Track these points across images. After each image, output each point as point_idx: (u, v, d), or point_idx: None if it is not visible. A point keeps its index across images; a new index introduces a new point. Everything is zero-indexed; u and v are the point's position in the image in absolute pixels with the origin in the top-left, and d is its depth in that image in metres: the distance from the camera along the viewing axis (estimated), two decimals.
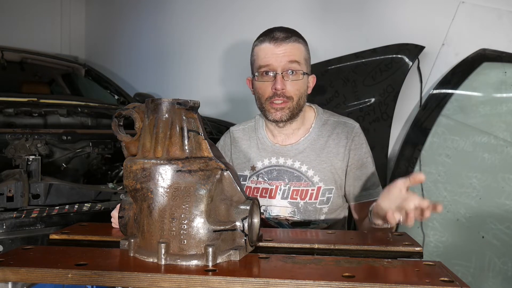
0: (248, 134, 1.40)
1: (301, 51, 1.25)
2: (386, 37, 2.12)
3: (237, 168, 1.37)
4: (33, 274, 0.72)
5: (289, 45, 1.22)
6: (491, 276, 1.89)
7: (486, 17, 1.95)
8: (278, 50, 1.21)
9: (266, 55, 1.23)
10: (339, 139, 1.30)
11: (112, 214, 1.07)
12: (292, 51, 1.22)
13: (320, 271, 0.72)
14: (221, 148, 1.44)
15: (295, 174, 1.29)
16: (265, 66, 1.23)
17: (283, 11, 2.59)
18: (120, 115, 0.85)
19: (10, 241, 1.34)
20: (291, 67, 1.22)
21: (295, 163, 1.30)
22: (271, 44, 1.22)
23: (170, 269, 0.73)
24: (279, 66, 1.21)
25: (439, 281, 0.67)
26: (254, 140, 1.38)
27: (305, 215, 1.28)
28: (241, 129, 1.43)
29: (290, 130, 1.32)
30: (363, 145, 1.31)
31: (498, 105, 1.89)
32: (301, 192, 1.28)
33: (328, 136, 1.31)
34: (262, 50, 1.24)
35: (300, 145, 1.31)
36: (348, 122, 1.34)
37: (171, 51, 3.30)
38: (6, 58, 2.73)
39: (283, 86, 1.21)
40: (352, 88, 2.14)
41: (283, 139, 1.33)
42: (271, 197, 1.31)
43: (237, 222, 0.80)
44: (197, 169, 0.78)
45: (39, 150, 1.69)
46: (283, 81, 1.21)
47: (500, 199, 1.87)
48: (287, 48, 1.22)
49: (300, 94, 1.25)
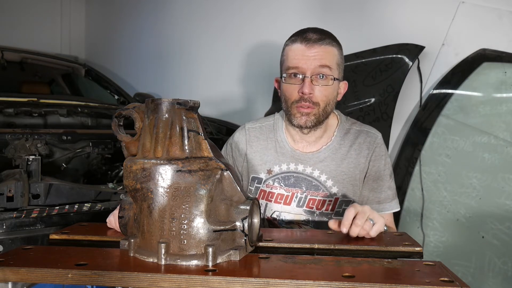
0: (265, 134, 1.33)
1: (333, 55, 1.18)
2: (386, 37, 2.12)
3: (252, 169, 1.32)
4: (33, 274, 0.72)
5: (321, 47, 1.16)
6: (491, 276, 1.88)
7: (486, 17, 1.94)
8: (309, 52, 1.16)
9: (296, 56, 1.17)
10: (361, 149, 1.26)
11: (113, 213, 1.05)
12: (324, 55, 1.16)
13: (320, 271, 0.72)
14: (234, 145, 1.37)
15: (314, 183, 1.26)
16: (294, 68, 1.17)
17: (283, 11, 2.59)
18: (120, 115, 0.85)
19: (10, 241, 1.33)
20: (321, 71, 1.16)
21: (314, 172, 1.26)
22: (302, 45, 1.16)
23: (170, 269, 0.73)
24: (309, 69, 1.15)
25: (439, 281, 0.68)
26: (272, 142, 1.32)
27: (319, 224, 1.25)
28: (257, 127, 1.36)
29: (313, 137, 1.27)
30: (383, 157, 1.27)
31: (498, 105, 1.89)
32: (318, 202, 1.25)
33: (350, 146, 1.27)
34: (293, 50, 1.18)
35: (322, 153, 1.26)
36: (371, 132, 1.29)
37: (171, 51, 3.30)
38: (6, 58, 2.73)
39: (311, 90, 1.15)
40: (352, 88, 2.14)
41: (304, 145, 1.28)
42: (286, 204, 1.27)
43: (237, 222, 0.80)
44: (197, 169, 0.78)
45: (39, 150, 1.69)
46: (311, 85, 1.15)
47: (500, 199, 1.87)
48: (319, 51, 1.16)
49: (328, 100, 1.19)
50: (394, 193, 1.29)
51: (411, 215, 2.08)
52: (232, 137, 1.39)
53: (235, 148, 1.37)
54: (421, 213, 2.04)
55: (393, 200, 1.28)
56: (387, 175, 1.28)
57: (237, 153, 1.36)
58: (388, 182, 1.28)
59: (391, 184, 1.29)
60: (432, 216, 2.02)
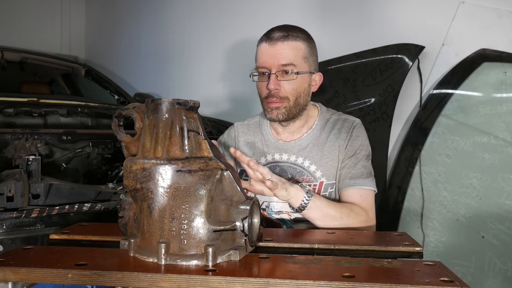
0: (252, 130, 1.42)
1: (298, 50, 1.23)
2: (386, 37, 2.12)
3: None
4: (33, 274, 0.72)
5: (284, 44, 1.22)
6: (491, 276, 1.88)
7: (486, 17, 1.94)
8: (272, 50, 1.22)
9: (262, 55, 1.25)
10: (340, 133, 1.31)
11: None
12: (287, 51, 1.22)
13: (320, 271, 0.72)
14: (224, 142, 1.45)
15: (298, 170, 1.31)
16: (261, 66, 1.25)
17: (283, 11, 2.59)
18: (120, 115, 0.85)
19: (10, 241, 1.33)
20: (284, 69, 1.22)
21: (298, 159, 1.32)
22: (267, 44, 1.24)
23: (170, 269, 0.73)
24: (273, 66, 1.22)
25: (439, 281, 0.68)
26: (258, 136, 1.40)
27: None
28: (245, 124, 1.45)
29: (293, 128, 1.34)
30: (359, 137, 1.31)
31: (498, 105, 1.89)
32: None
33: (330, 131, 1.33)
34: (260, 50, 1.26)
35: (303, 141, 1.33)
36: (349, 118, 1.35)
37: (171, 51, 3.30)
38: (6, 58, 2.72)
39: (276, 86, 1.22)
40: (352, 88, 2.14)
41: (286, 136, 1.36)
42: None
43: (237, 222, 0.80)
44: (197, 169, 0.78)
45: (39, 150, 1.69)
46: (276, 81, 1.22)
47: (500, 199, 1.87)
48: (282, 48, 1.22)
49: (298, 93, 1.25)
50: (368, 172, 1.29)
51: (411, 215, 2.08)
52: (222, 136, 1.48)
53: (224, 146, 1.44)
54: (421, 213, 2.04)
55: (367, 178, 1.28)
56: (363, 155, 1.30)
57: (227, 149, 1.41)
58: (362, 161, 1.29)
59: (366, 164, 1.30)
60: (432, 216, 2.02)
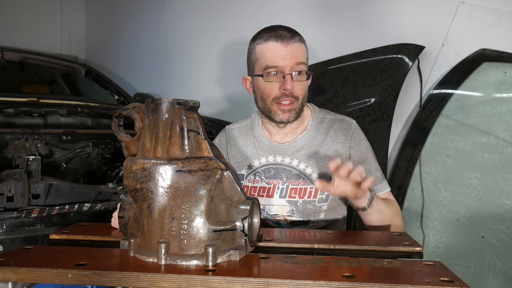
0: (244, 132, 1.39)
1: (304, 51, 1.24)
2: (386, 37, 2.12)
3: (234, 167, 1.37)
4: (33, 274, 0.72)
5: (295, 44, 1.20)
6: (491, 276, 1.89)
7: (486, 17, 1.94)
8: (285, 49, 1.19)
9: (274, 55, 1.20)
10: (337, 136, 1.30)
11: (113, 215, 1.07)
12: (299, 51, 1.21)
13: (320, 271, 0.72)
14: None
15: (293, 172, 1.29)
16: (273, 66, 1.20)
17: (283, 11, 2.59)
18: (120, 115, 0.85)
19: (10, 241, 1.33)
20: (298, 68, 1.20)
21: (292, 161, 1.30)
22: (278, 43, 1.19)
23: (170, 269, 0.73)
24: (287, 67, 1.19)
25: (439, 281, 0.67)
26: (250, 139, 1.37)
27: (304, 214, 1.27)
28: (236, 127, 1.42)
29: (289, 129, 1.31)
30: (363, 141, 1.31)
31: (498, 105, 1.89)
32: (300, 190, 1.27)
33: (326, 133, 1.31)
34: (268, 49, 1.21)
35: (298, 143, 1.31)
36: (345, 119, 1.34)
37: (171, 51, 3.30)
38: (6, 58, 2.72)
39: (293, 86, 1.20)
40: (352, 88, 2.14)
41: (281, 137, 1.33)
42: (269, 196, 1.30)
43: (237, 222, 0.80)
44: (197, 169, 0.78)
45: (39, 150, 1.69)
46: (292, 82, 1.20)
47: (500, 199, 1.87)
48: (294, 48, 1.20)
49: (305, 94, 1.26)
50: (381, 174, 1.31)
51: (411, 215, 2.08)
52: (214, 140, 1.45)
53: None
54: (421, 213, 2.04)
55: (383, 180, 1.30)
56: (371, 157, 1.31)
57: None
58: (374, 164, 1.30)
59: (377, 166, 1.31)
60: (432, 216, 2.02)
